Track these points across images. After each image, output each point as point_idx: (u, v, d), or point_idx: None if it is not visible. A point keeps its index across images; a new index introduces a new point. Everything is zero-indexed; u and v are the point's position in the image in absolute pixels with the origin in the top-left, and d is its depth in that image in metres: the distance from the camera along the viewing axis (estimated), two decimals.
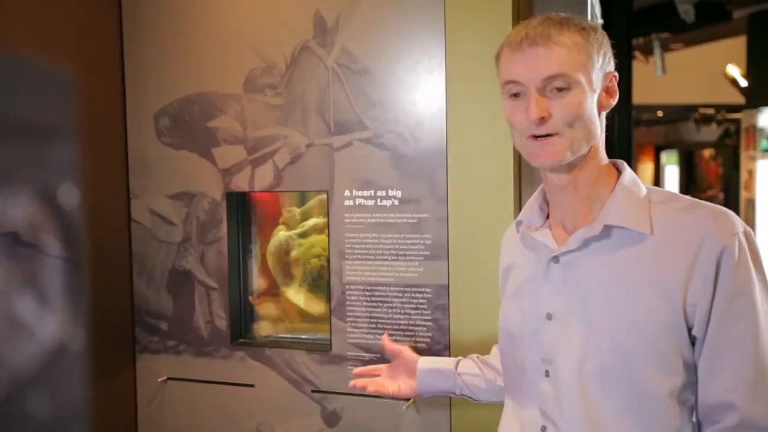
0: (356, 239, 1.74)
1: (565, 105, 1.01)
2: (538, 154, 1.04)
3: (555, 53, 1.00)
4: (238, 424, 1.88)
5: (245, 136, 1.84)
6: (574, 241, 1.08)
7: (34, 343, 0.31)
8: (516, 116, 1.04)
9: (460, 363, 1.45)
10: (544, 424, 1.11)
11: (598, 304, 1.05)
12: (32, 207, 0.31)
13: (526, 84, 1.02)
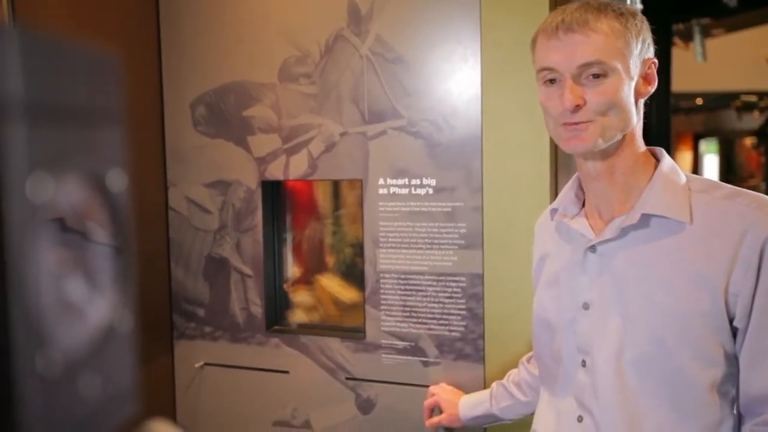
0: (390, 228, 1.74)
1: (600, 92, 0.99)
2: (570, 140, 1.03)
3: (592, 40, 0.98)
4: (273, 410, 1.91)
5: (280, 125, 1.85)
6: (611, 230, 1.06)
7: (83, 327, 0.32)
8: (550, 102, 1.03)
9: (494, 398, 1.47)
10: (581, 413, 1.10)
11: (635, 293, 1.03)
12: (80, 193, 0.32)
13: (561, 71, 1.00)
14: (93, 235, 0.33)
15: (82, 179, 0.32)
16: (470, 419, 1.50)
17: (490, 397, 1.46)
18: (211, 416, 1.98)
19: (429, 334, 1.72)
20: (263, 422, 1.92)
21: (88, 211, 0.33)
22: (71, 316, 0.31)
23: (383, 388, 1.78)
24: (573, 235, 1.14)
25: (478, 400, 1.50)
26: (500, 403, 1.44)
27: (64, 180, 0.30)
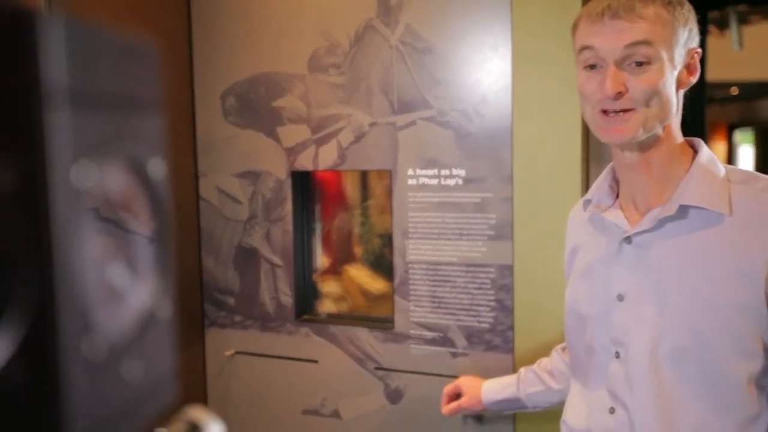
0: (419, 218, 1.74)
1: (643, 81, 0.97)
2: (609, 129, 1.01)
3: (638, 27, 0.96)
4: (303, 399, 1.92)
5: (309, 116, 1.86)
6: (648, 221, 1.05)
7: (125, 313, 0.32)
8: (589, 88, 1.01)
9: (522, 382, 1.42)
10: (613, 405, 1.09)
11: (672, 285, 1.02)
12: (122, 180, 0.32)
13: (604, 55, 0.98)
14: (133, 223, 0.33)
15: (123, 167, 0.32)
16: (493, 403, 1.45)
17: (518, 381, 1.42)
18: (242, 404, 2.01)
19: (458, 325, 1.72)
20: (293, 411, 1.94)
21: (129, 198, 0.33)
22: (114, 302, 0.31)
23: (412, 378, 1.78)
24: (607, 226, 1.13)
25: (504, 384, 1.45)
26: (528, 388, 1.40)
27: (107, 167, 0.30)
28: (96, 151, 0.29)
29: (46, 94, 0.26)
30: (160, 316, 0.35)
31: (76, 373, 0.27)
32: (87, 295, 0.28)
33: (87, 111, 0.28)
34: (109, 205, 0.31)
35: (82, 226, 0.28)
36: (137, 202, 0.34)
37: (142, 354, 0.33)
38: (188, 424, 0.41)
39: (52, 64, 0.26)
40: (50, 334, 0.26)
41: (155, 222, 0.35)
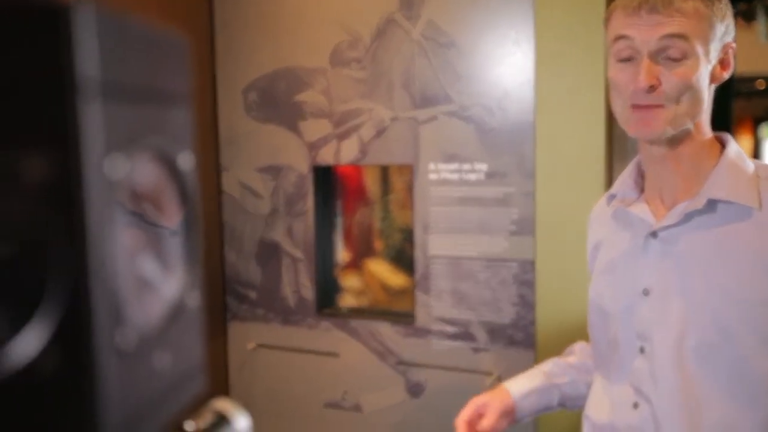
0: (441, 213, 1.74)
1: (677, 75, 0.96)
2: (638, 124, 1.00)
3: (675, 21, 0.95)
4: (324, 392, 1.93)
5: (331, 110, 1.86)
6: (675, 215, 1.03)
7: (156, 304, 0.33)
8: (621, 81, 1.00)
9: (549, 372, 1.30)
10: (637, 400, 1.08)
11: (699, 280, 1.00)
12: (153, 172, 0.33)
13: (639, 46, 0.97)
14: (162, 216, 0.34)
15: (154, 159, 0.32)
16: (524, 396, 1.27)
17: (544, 374, 1.30)
18: (264, 397, 2.02)
19: (479, 320, 1.71)
20: (314, 404, 1.95)
21: (159, 191, 0.33)
22: (144, 293, 0.32)
23: (433, 373, 1.78)
24: (632, 221, 1.12)
25: (529, 375, 1.31)
26: (561, 378, 1.29)
27: (137, 160, 0.30)
28: (127, 143, 0.29)
29: (78, 86, 0.26)
30: (188, 308, 0.35)
31: (109, 364, 0.27)
32: (119, 286, 0.28)
33: (118, 103, 0.29)
34: (139, 197, 0.31)
35: (114, 218, 0.28)
36: (167, 194, 0.34)
37: (171, 345, 0.33)
38: (215, 415, 0.41)
39: (85, 56, 0.26)
40: (84, 325, 0.27)
41: (183, 215, 0.36)
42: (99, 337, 0.27)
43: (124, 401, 0.29)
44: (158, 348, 0.32)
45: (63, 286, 0.26)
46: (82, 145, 0.26)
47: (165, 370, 0.32)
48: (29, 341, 0.26)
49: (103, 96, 0.27)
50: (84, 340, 0.27)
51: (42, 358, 0.27)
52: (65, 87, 0.26)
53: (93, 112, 0.26)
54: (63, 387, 0.27)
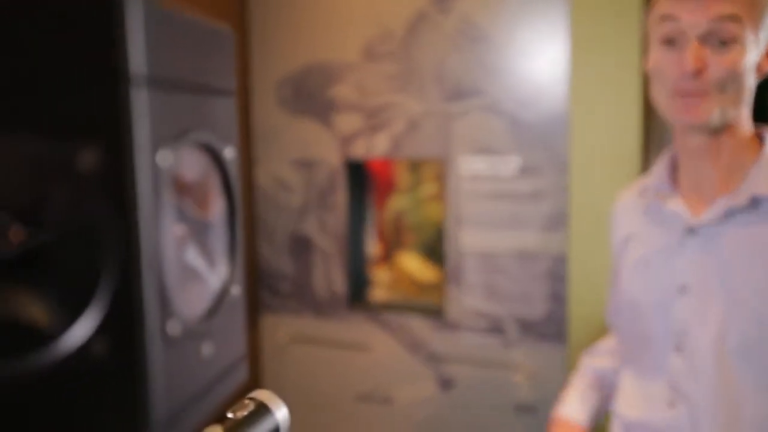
0: (473, 207, 1.73)
1: (724, 61, 0.92)
2: (682, 111, 0.96)
3: (728, 2, 0.91)
4: (355, 385, 1.94)
5: (363, 104, 1.86)
6: (715, 211, 1.01)
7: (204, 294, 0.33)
8: (665, 65, 0.96)
9: (594, 384, 1.27)
10: (673, 398, 1.06)
11: (740, 277, 0.98)
12: (201, 163, 0.33)
13: (687, 28, 0.93)
14: (207, 206, 0.34)
15: (201, 151, 0.33)
16: (590, 422, 1.23)
17: (591, 387, 1.26)
18: (295, 389, 2.04)
19: (511, 315, 1.70)
20: (345, 397, 1.96)
21: (205, 182, 0.34)
22: (191, 283, 0.32)
23: (463, 367, 1.78)
24: (667, 216, 1.09)
25: (581, 398, 1.25)
26: (606, 383, 1.25)
27: (186, 151, 0.31)
28: (176, 135, 0.30)
29: (130, 79, 0.27)
30: (232, 299, 0.36)
31: (158, 350, 0.28)
32: (168, 275, 0.29)
33: (167, 96, 0.29)
34: (186, 188, 0.32)
35: (163, 208, 0.28)
36: (212, 186, 0.34)
37: (216, 335, 0.34)
38: (256, 406, 0.42)
39: (136, 50, 0.27)
40: (134, 312, 0.27)
41: (226, 207, 0.36)
42: (149, 324, 0.27)
43: (171, 388, 0.29)
44: (204, 337, 0.32)
45: (114, 273, 0.27)
46: (134, 137, 0.27)
47: (211, 359, 0.33)
48: (81, 327, 0.27)
49: (154, 88, 0.28)
50: (134, 327, 0.27)
51: (93, 343, 0.27)
52: (118, 80, 0.26)
53: (144, 105, 0.27)
54: (113, 372, 0.28)
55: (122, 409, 0.28)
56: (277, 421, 0.45)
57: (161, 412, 0.28)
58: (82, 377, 0.27)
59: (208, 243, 0.35)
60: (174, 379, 0.29)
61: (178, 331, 0.29)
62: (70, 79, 0.27)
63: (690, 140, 1.02)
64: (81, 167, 0.26)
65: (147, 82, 0.27)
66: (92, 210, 0.27)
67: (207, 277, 0.34)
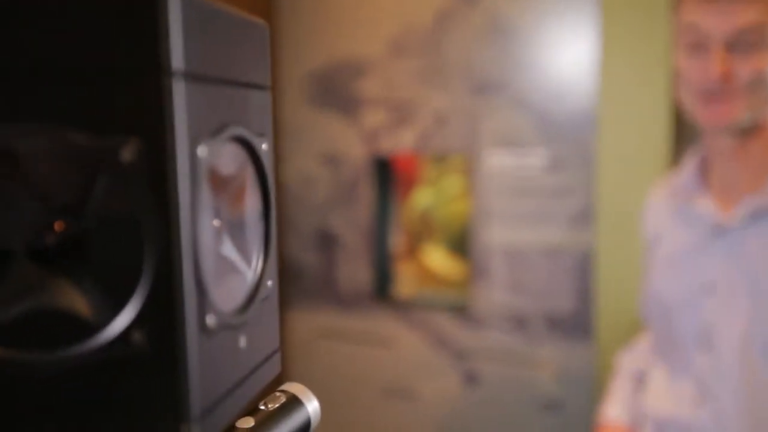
0: (499, 201, 1.72)
1: (750, 64, 0.91)
2: (709, 115, 0.96)
3: (754, 8, 0.90)
4: (380, 380, 1.95)
5: (389, 99, 1.86)
6: (743, 210, 1.00)
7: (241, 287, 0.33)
8: (691, 69, 0.96)
9: (636, 383, 1.24)
10: (700, 397, 1.05)
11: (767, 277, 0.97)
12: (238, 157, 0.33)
13: (713, 35, 0.93)
14: (244, 199, 0.34)
15: (238, 144, 0.33)
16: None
17: (635, 388, 1.24)
18: (319, 384, 2.05)
19: (537, 311, 1.69)
20: (369, 392, 1.97)
21: (242, 175, 0.34)
22: (228, 275, 0.32)
23: (489, 363, 1.77)
24: (696, 215, 1.08)
25: (626, 398, 1.23)
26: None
27: (224, 144, 0.31)
28: (214, 128, 0.30)
29: (170, 72, 0.27)
30: (267, 292, 0.36)
31: (196, 342, 0.28)
32: (206, 267, 0.29)
33: (206, 89, 0.29)
34: (224, 182, 0.32)
35: (202, 201, 0.29)
36: (248, 180, 0.35)
37: (252, 328, 0.34)
38: (288, 398, 0.42)
39: (175, 42, 0.27)
40: (173, 303, 0.27)
41: (262, 201, 0.36)
42: (188, 315, 0.28)
43: (209, 380, 0.29)
44: (240, 330, 0.32)
45: (154, 265, 0.27)
46: (175, 130, 0.27)
47: (246, 352, 0.33)
48: (121, 318, 0.27)
49: (194, 82, 0.28)
50: (174, 319, 0.27)
51: (132, 334, 0.28)
52: (160, 74, 0.27)
53: (185, 98, 0.27)
54: (152, 364, 0.28)
55: (161, 400, 0.28)
56: (309, 413, 0.45)
57: (199, 404, 0.29)
58: (121, 369, 0.28)
59: (243, 236, 0.35)
60: (212, 371, 0.30)
61: (216, 323, 0.30)
62: (112, 72, 0.27)
63: (718, 142, 1.01)
64: (122, 160, 0.27)
65: (188, 75, 0.28)
66: (133, 202, 0.27)
67: (242, 270, 0.34)
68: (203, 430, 0.29)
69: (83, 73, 0.27)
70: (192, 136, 0.28)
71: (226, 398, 0.31)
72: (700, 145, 1.11)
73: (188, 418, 0.28)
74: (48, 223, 0.27)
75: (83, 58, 0.27)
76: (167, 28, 0.26)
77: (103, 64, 0.27)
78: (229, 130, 0.31)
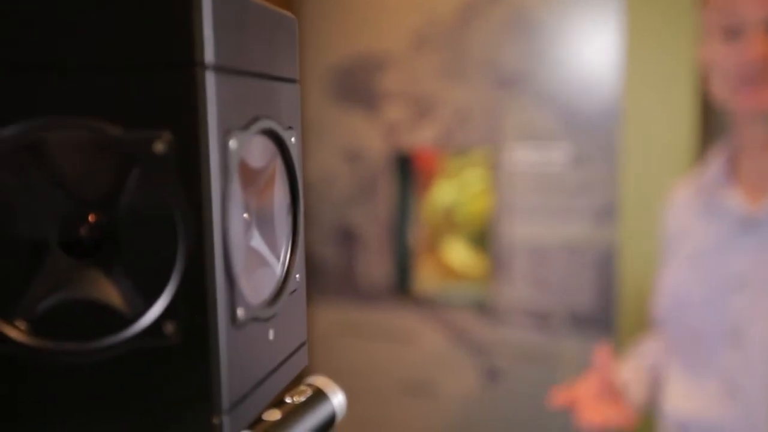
0: (521, 196, 1.71)
1: None
2: (748, 99, 0.93)
3: None
4: (399, 376, 1.95)
5: (411, 94, 1.85)
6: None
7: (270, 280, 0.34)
8: (726, 55, 0.93)
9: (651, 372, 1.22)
10: (729, 394, 1.04)
11: None
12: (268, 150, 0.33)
13: (750, 17, 0.90)
14: (273, 192, 0.34)
15: (267, 136, 0.33)
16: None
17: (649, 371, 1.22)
18: (339, 379, 2.05)
19: (559, 308, 1.68)
20: (389, 388, 1.97)
21: (271, 168, 0.34)
22: (258, 268, 0.33)
23: (509, 359, 1.77)
24: (724, 209, 1.07)
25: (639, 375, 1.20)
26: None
27: (254, 137, 0.31)
28: (246, 121, 0.30)
29: (203, 66, 0.27)
30: (295, 285, 0.36)
31: (226, 333, 0.28)
32: (237, 259, 0.29)
33: (237, 82, 0.29)
34: (254, 174, 0.32)
35: (233, 193, 0.29)
36: (277, 173, 0.35)
37: (280, 321, 0.34)
38: (313, 391, 0.42)
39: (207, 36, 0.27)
40: (204, 294, 0.28)
41: (290, 194, 0.37)
42: (219, 307, 0.28)
43: (238, 372, 0.30)
44: (269, 323, 0.33)
45: (185, 258, 0.27)
46: (207, 123, 0.27)
47: (275, 344, 0.33)
48: (154, 310, 0.28)
49: (224, 75, 0.28)
50: (205, 311, 0.28)
51: (164, 326, 0.28)
52: (190, 66, 0.27)
53: (216, 91, 0.27)
54: (183, 356, 0.28)
55: (192, 391, 0.28)
56: (334, 407, 0.45)
57: (229, 396, 0.29)
58: (154, 360, 0.28)
59: (272, 230, 0.35)
60: (242, 363, 0.30)
61: (245, 315, 0.30)
62: (145, 66, 0.27)
63: (752, 131, 0.99)
64: (155, 153, 0.27)
65: (219, 69, 0.28)
66: (165, 195, 0.27)
67: (271, 263, 0.34)
68: (233, 422, 0.29)
69: (116, 66, 0.27)
70: (223, 129, 0.28)
71: (255, 390, 0.31)
72: (728, 138, 1.09)
73: (219, 410, 0.28)
74: (81, 216, 0.28)
75: (116, 52, 0.27)
76: (200, 22, 0.27)
77: (136, 57, 0.27)
78: (259, 123, 0.31)
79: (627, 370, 1.22)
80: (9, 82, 0.27)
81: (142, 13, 0.27)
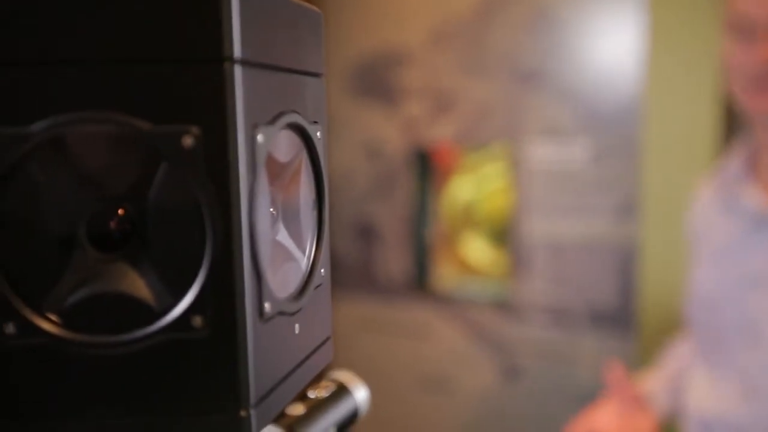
0: (541, 192, 1.70)
1: None
2: (758, 103, 0.93)
3: None
4: (417, 371, 1.95)
5: (430, 88, 1.85)
6: None
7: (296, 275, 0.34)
8: (741, 56, 0.93)
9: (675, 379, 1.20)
10: (749, 394, 1.03)
11: None
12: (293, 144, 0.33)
13: (763, 20, 0.90)
14: (299, 187, 0.35)
15: (294, 132, 0.33)
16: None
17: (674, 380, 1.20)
18: (358, 374, 2.06)
19: (579, 305, 1.67)
20: (407, 383, 1.97)
21: (296, 163, 0.34)
22: (284, 263, 0.33)
23: (528, 357, 1.76)
24: (745, 206, 1.05)
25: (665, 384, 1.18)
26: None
27: (281, 132, 0.31)
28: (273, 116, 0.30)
29: (231, 61, 0.27)
30: (320, 280, 0.36)
31: (253, 328, 0.28)
32: (263, 254, 0.29)
33: (265, 77, 0.29)
34: (280, 169, 0.32)
35: (259, 188, 0.29)
36: (303, 167, 0.35)
37: (306, 316, 0.34)
38: (337, 386, 0.42)
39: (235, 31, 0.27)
40: (231, 288, 0.28)
41: (316, 188, 0.37)
42: (246, 301, 0.28)
43: (265, 366, 0.30)
44: (295, 317, 0.33)
45: (213, 252, 0.28)
46: (235, 118, 0.27)
47: (301, 339, 0.33)
48: (182, 304, 0.28)
49: (252, 69, 0.28)
50: (232, 304, 0.28)
51: (192, 320, 0.28)
52: (218, 61, 0.27)
53: (244, 85, 0.27)
54: (210, 348, 0.28)
55: (220, 385, 0.28)
56: (357, 402, 0.46)
57: (256, 390, 0.29)
58: (182, 353, 0.28)
59: (297, 224, 0.35)
60: (268, 357, 0.30)
61: (272, 309, 0.30)
62: (173, 60, 0.27)
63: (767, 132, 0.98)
64: (183, 147, 0.27)
65: (247, 63, 0.28)
66: (193, 189, 0.27)
67: (297, 258, 0.34)
68: (259, 416, 0.29)
69: (144, 61, 0.27)
70: (251, 123, 0.28)
71: (281, 384, 0.32)
72: (748, 136, 1.08)
73: (247, 404, 0.28)
74: (110, 211, 0.28)
75: (144, 47, 0.27)
76: (228, 17, 0.27)
77: (163, 52, 0.27)
78: (286, 118, 0.31)
79: (652, 379, 1.22)
80: (37, 77, 0.27)
81: (170, 9, 0.27)
